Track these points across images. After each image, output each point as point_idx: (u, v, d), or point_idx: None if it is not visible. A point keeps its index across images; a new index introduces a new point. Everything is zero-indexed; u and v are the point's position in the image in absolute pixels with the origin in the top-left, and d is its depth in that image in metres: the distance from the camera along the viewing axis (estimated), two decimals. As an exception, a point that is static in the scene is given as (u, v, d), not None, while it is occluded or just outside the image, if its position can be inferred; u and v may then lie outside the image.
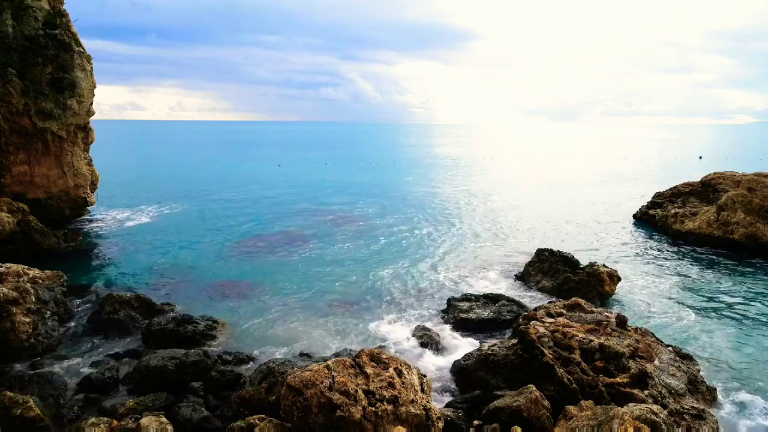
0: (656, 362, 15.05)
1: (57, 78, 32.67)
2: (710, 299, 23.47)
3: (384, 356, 12.65)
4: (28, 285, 19.52)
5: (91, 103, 35.55)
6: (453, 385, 15.91)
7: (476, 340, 19.15)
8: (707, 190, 38.29)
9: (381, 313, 21.93)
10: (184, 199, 50.05)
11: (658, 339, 17.05)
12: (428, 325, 20.36)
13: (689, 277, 26.73)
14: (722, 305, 22.72)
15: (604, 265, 24.52)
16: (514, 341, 15.73)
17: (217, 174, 73.91)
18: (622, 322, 16.92)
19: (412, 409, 11.13)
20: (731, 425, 13.88)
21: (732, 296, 23.80)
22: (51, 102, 32.58)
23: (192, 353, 16.38)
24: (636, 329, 17.10)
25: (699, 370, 15.73)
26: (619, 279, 24.38)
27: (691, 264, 28.98)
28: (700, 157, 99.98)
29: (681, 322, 20.92)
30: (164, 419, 12.36)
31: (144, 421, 12.07)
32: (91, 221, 38.26)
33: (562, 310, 18.10)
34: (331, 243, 33.56)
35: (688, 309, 22.33)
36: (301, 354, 17.44)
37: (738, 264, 28.72)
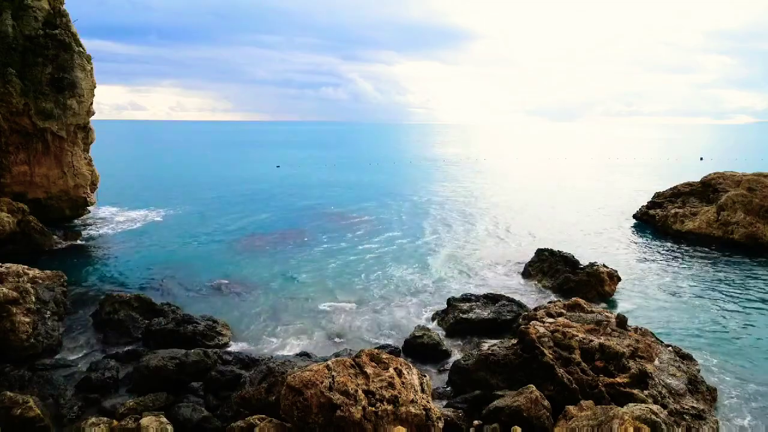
0: (656, 362, 15.04)
1: (57, 78, 32.66)
2: (710, 299, 23.46)
3: (384, 356, 12.64)
4: (28, 285, 19.50)
5: (91, 103, 35.54)
6: (453, 386, 15.90)
7: (476, 340, 19.15)
8: (707, 190, 38.28)
9: (381, 313, 21.94)
10: (184, 199, 50.05)
11: (658, 339, 17.04)
12: (428, 325, 20.37)
13: (689, 277, 26.72)
14: (722, 305, 22.72)
15: (604, 265, 24.52)
16: (514, 341, 15.72)
17: (217, 174, 73.92)
18: (622, 322, 16.91)
19: (412, 409, 11.12)
20: (731, 425, 13.87)
21: (732, 296, 23.80)
22: (51, 102, 32.57)
23: (192, 353, 16.36)
24: (636, 329, 17.09)
25: (699, 370, 15.72)
26: (619, 279, 24.38)
27: (691, 264, 28.97)
28: (701, 158, 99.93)
29: (681, 322, 20.92)
30: (164, 419, 12.36)
31: (144, 421, 12.06)
32: (91, 221, 38.24)
33: (562, 310, 18.10)
34: (331, 243, 33.55)
35: (688, 309, 22.33)
36: (301, 354, 17.43)
37: (738, 264, 28.70)
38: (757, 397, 15.26)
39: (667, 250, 31.95)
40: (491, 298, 22.11)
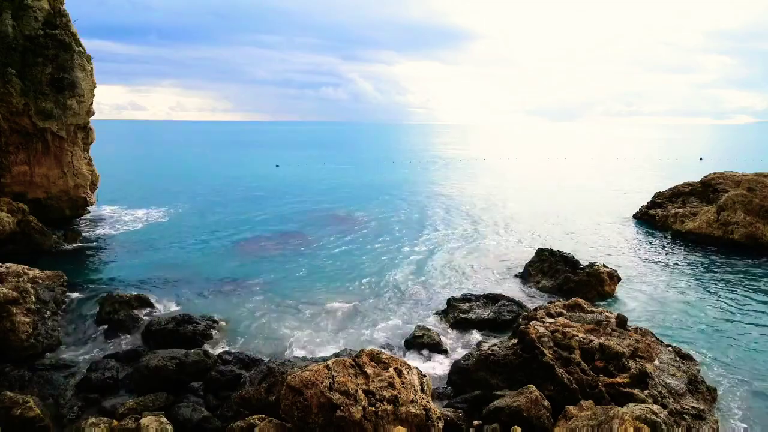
0: (656, 362, 15.05)
1: (57, 78, 32.65)
2: (710, 299, 23.46)
3: (384, 356, 12.64)
4: (28, 285, 19.52)
5: (91, 103, 35.53)
6: (453, 386, 15.90)
7: (476, 340, 19.15)
8: (707, 190, 38.30)
9: (381, 313, 21.94)
10: (184, 199, 50.05)
11: (658, 339, 17.05)
12: (428, 325, 20.35)
13: (689, 277, 26.72)
14: (722, 305, 22.71)
15: (604, 265, 24.52)
16: (514, 341, 15.72)
17: (217, 174, 73.91)
18: (622, 322, 16.91)
19: (412, 409, 11.13)
20: (731, 425, 13.88)
21: (732, 296, 23.79)
22: (51, 102, 32.56)
23: (192, 353, 16.38)
24: (636, 329, 17.10)
25: (699, 370, 15.72)
26: (619, 279, 24.38)
27: (691, 264, 28.97)
28: (701, 158, 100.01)
29: (681, 322, 20.91)
30: (164, 419, 12.37)
31: (144, 421, 12.07)
32: (91, 221, 38.26)
33: (562, 310, 18.10)
34: (331, 243, 33.55)
35: (688, 309, 22.32)
36: (301, 354, 17.44)
37: (738, 264, 28.69)
38: (757, 397, 15.26)
39: (667, 250, 31.95)
40: (491, 298, 22.12)
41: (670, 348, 16.56)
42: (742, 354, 18.05)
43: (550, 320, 16.62)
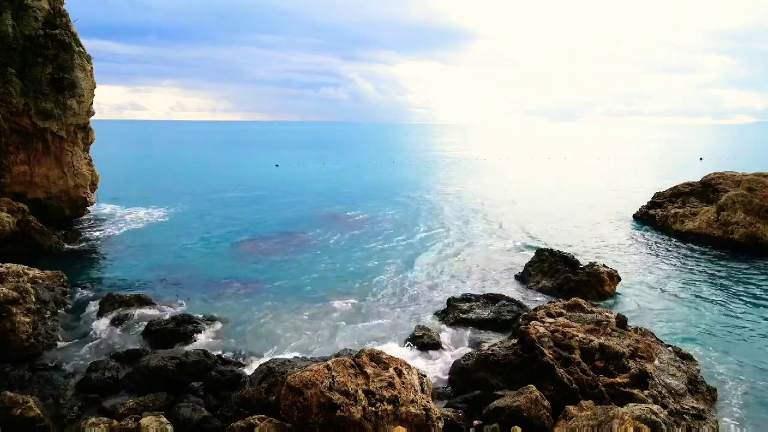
0: (656, 362, 15.05)
1: (57, 78, 32.65)
2: (710, 299, 23.46)
3: (384, 356, 12.64)
4: (28, 285, 19.51)
5: (91, 103, 35.54)
6: (453, 386, 15.90)
7: (476, 340, 19.14)
8: (707, 190, 38.29)
9: (381, 313, 21.93)
10: (185, 199, 50.04)
11: (658, 339, 17.05)
12: (428, 325, 20.36)
13: (689, 277, 26.71)
14: (722, 305, 22.71)
15: (604, 265, 24.52)
16: (514, 341, 15.72)
17: (217, 174, 73.94)
18: (622, 322, 16.92)
19: (412, 409, 11.13)
20: (731, 425, 13.87)
21: (732, 296, 23.79)
22: (51, 102, 32.57)
23: (192, 353, 16.38)
24: (636, 329, 17.10)
25: (699, 370, 15.72)
26: (619, 279, 24.39)
27: (691, 264, 28.96)
28: (701, 158, 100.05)
29: (681, 322, 20.91)
30: (164, 419, 12.37)
31: (144, 421, 12.07)
32: (91, 221, 38.26)
33: (562, 310, 18.10)
34: (331, 243, 33.55)
35: (688, 309, 22.32)
36: (301, 354, 17.43)
37: (738, 264, 28.69)
38: (757, 397, 15.25)
39: (667, 250, 31.95)
40: (491, 298, 22.12)
41: (670, 348, 16.56)
42: (742, 354, 18.04)
43: (550, 320, 16.62)
